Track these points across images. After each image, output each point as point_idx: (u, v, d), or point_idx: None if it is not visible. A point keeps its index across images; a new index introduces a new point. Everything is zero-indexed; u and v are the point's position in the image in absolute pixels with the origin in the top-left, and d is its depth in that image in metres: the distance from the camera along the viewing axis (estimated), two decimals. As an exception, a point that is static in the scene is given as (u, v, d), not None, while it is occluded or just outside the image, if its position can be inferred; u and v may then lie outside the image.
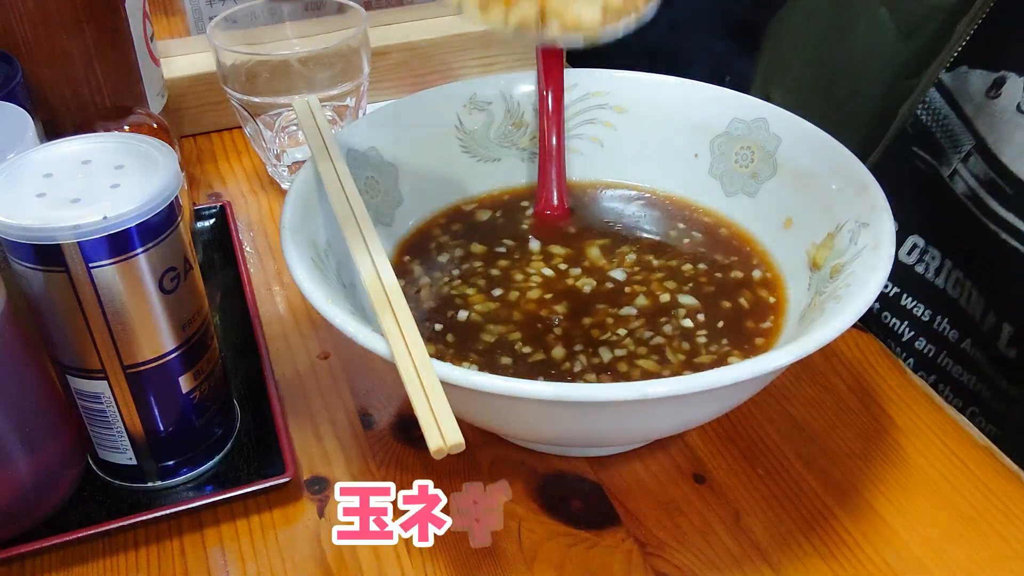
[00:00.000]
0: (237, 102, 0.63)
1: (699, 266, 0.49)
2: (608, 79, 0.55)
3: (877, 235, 0.42)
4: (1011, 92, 0.51)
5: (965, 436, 0.46)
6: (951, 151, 0.55)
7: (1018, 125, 0.51)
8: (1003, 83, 0.52)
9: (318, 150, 0.47)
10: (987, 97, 0.53)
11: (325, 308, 0.38)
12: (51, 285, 0.37)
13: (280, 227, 0.43)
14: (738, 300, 0.47)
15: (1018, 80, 0.51)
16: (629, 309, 0.47)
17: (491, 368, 0.43)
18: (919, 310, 0.59)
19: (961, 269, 0.53)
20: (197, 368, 0.42)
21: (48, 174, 0.38)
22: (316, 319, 0.54)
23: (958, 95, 0.54)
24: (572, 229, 0.53)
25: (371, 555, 0.41)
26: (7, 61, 0.55)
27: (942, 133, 0.56)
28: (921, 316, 0.58)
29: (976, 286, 0.55)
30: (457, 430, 0.34)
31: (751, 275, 0.49)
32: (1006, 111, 0.52)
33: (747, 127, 0.51)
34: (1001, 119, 0.52)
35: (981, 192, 0.53)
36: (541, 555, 0.41)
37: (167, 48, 0.74)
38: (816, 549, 0.41)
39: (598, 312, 0.46)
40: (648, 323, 0.46)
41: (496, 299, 0.47)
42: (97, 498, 0.44)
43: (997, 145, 0.52)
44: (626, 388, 0.34)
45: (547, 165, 0.54)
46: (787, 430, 0.46)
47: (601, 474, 0.44)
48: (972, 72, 0.54)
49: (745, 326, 0.46)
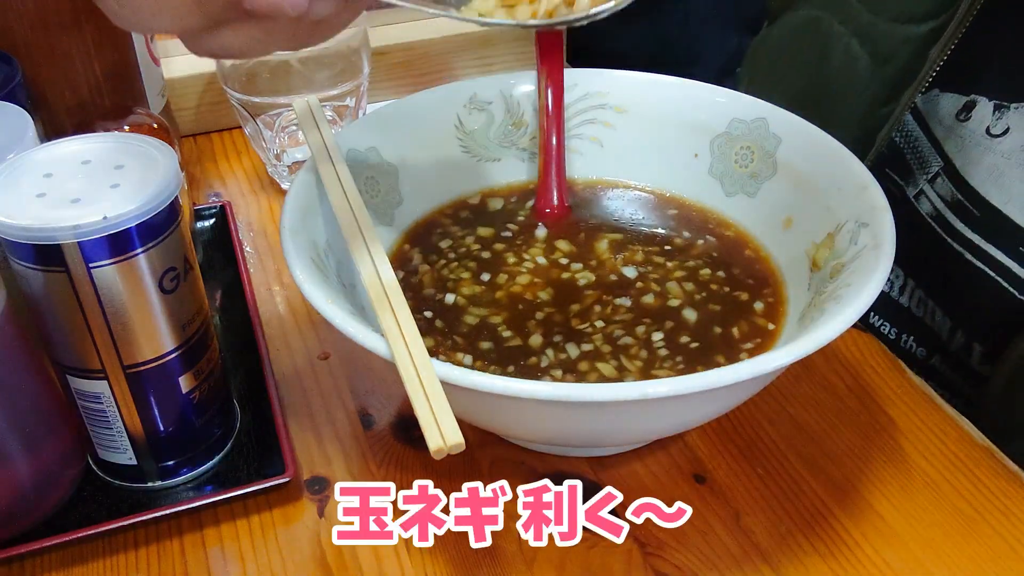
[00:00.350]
0: (237, 102, 0.63)
1: (699, 266, 0.49)
2: (608, 79, 0.55)
3: (877, 235, 0.42)
4: (980, 115, 0.52)
5: (965, 436, 0.46)
6: (919, 172, 0.55)
7: (987, 148, 0.51)
8: (973, 107, 0.52)
9: (318, 150, 0.47)
10: (957, 120, 0.53)
11: (325, 308, 0.38)
12: (51, 285, 0.37)
13: (280, 227, 0.43)
14: (738, 300, 0.47)
15: (988, 104, 0.51)
16: (624, 301, 0.47)
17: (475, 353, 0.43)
18: (885, 328, 0.59)
19: (923, 289, 0.54)
20: (197, 368, 0.42)
21: (48, 174, 0.38)
22: (316, 319, 0.54)
23: (929, 117, 0.55)
24: (571, 228, 0.53)
25: (371, 555, 0.41)
26: (7, 61, 0.55)
27: (912, 155, 0.56)
28: (888, 334, 0.59)
29: (940, 306, 0.55)
30: (457, 430, 0.34)
31: (751, 275, 0.49)
32: (975, 134, 0.52)
33: (747, 127, 0.51)
34: (970, 142, 0.52)
35: (948, 214, 0.53)
36: (541, 555, 0.41)
37: (167, 48, 0.74)
38: (816, 549, 0.41)
39: (593, 308, 0.46)
40: (643, 321, 0.46)
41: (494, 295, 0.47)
42: (97, 498, 0.44)
43: (965, 168, 0.52)
44: (626, 388, 0.34)
45: (547, 165, 0.54)
46: (787, 430, 0.46)
47: (601, 474, 0.44)
48: (943, 95, 0.54)
49: (745, 326, 0.46)
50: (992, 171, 0.51)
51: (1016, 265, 0.50)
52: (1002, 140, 0.50)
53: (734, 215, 0.52)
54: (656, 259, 0.50)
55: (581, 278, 0.49)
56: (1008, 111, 0.50)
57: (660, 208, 0.54)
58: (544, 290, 0.48)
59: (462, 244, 0.51)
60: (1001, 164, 0.50)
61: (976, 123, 0.52)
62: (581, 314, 0.46)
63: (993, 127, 0.51)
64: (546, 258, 0.50)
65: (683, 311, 0.46)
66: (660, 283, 0.48)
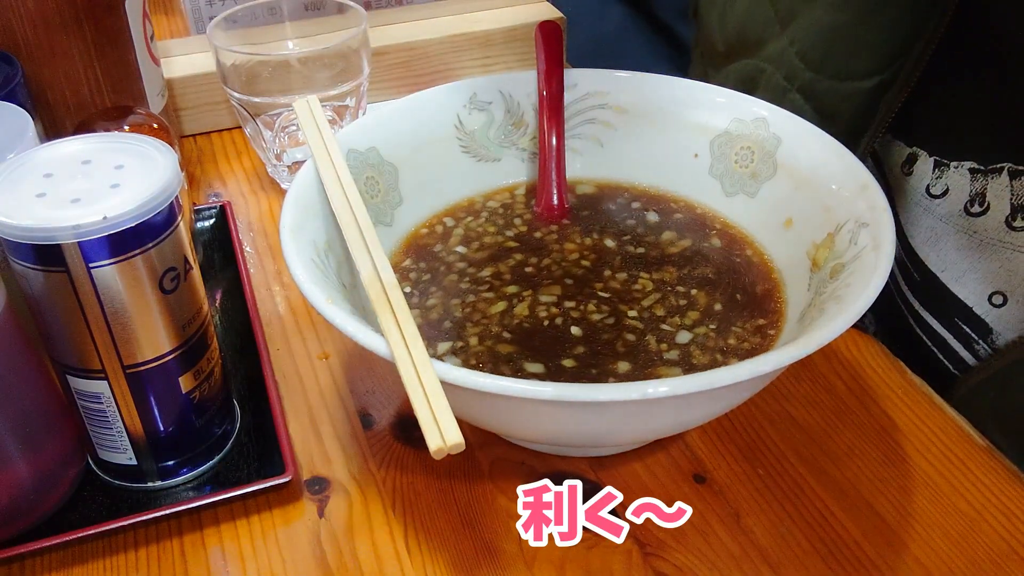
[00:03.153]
0: (237, 102, 0.63)
1: (698, 266, 0.49)
2: (608, 79, 0.55)
3: (877, 235, 0.42)
4: (921, 172, 0.49)
5: (965, 436, 0.46)
6: None
7: (926, 208, 0.48)
8: (915, 160, 0.50)
9: (318, 150, 0.47)
10: (902, 172, 0.50)
11: (325, 308, 0.38)
12: (51, 285, 0.37)
13: (280, 227, 0.43)
14: (738, 300, 0.47)
15: (928, 160, 0.49)
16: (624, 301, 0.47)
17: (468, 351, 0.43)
18: None
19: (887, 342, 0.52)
20: (197, 368, 0.42)
21: (48, 174, 0.38)
22: (316, 319, 0.54)
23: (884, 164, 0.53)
24: (571, 228, 0.53)
25: (371, 555, 0.41)
26: (7, 61, 0.55)
27: None
28: None
29: None
30: (457, 430, 0.34)
31: (751, 275, 0.49)
32: (916, 192, 0.49)
33: (747, 127, 0.51)
34: (911, 199, 0.50)
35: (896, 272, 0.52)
36: (541, 555, 0.41)
37: (167, 48, 0.74)
38: (816, 549, 0.41)
39: (593, 308, 0.46)
40: (643, 321, 0.46)
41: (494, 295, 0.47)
42: (97, 498, 0.44)
43: (908, 227, 0.50)
44: (626, 388, 0.34)
45: (547, 165, 0.54)
46: (787, 430, 0.46)
47: (601, 474, 0.44)
48: (894, 143, 0.52)
49: (744, 326, 0.46)
50: (931, 234, 0.49)
51: (951, 337, 0.49)
52: (940, 202, 0.48)
53: (734, 215, 0.52)
54: (656, 259, 0.50)
55: (580, 278, 0.49)
56: (948, 170, 0.48)
57: (660, 208, 0.54)
58: (544, 290, 0.48)
59: (462, 244, 0.51)
60: (939, 228, 0.48)
61: (917, 179, 0.49)
62: (580, 314, 0.46)
63: (933, 186, 0.48)
64: (546, 258, 0.50)
65: (683, 311, 0.46)
66: (659, 283, 0.48)
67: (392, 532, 0.42)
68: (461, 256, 0.51)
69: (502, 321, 0.46)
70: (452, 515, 0.43)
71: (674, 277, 0.49)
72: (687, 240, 0.51)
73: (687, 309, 0.47)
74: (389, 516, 0.43)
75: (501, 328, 0.45)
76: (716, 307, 0.47)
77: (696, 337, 0.45)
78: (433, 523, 0.42)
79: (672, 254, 0.50)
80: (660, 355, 0.44)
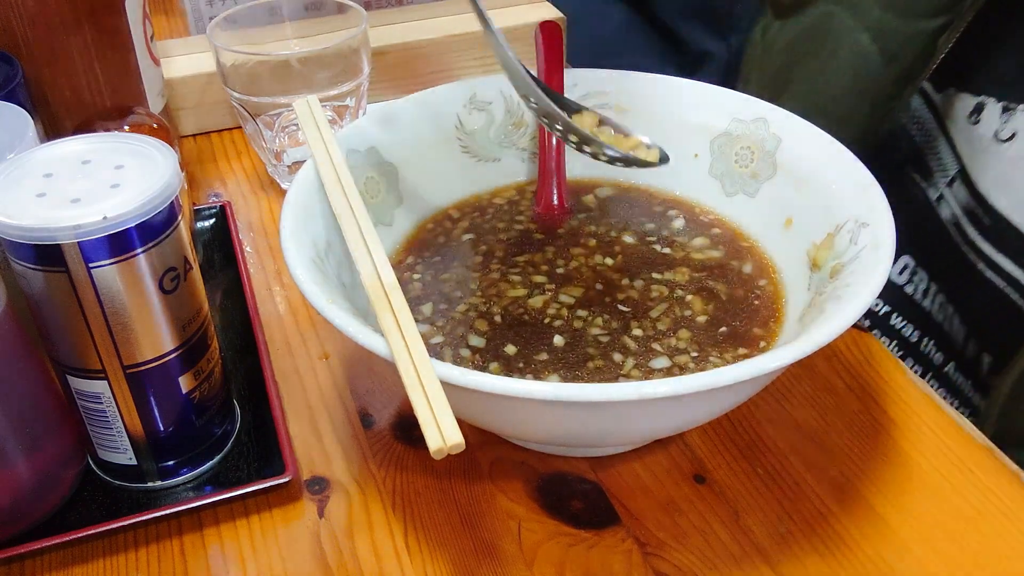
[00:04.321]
0: (237, 102, 0.63)
1: (698, 266, 0.49)
2: (608, 79, 0.55)
3: (877, 235, 0.42)
4: (989, 118, 0.51)
5: (965, 436, 0.46)
6: (939, 175, 0.55)
7: (995, 154, 0.50)
8: (982, 109, 0.51)
9: (318, 150, 0.47)
10: (969, 122, 0.52)
11: (325, 308, 0.38)
12: (51, 285, 0.37)
13: (280, 227, 0.43)
14: (737, 300, 0.47)
15: (996, 106, 0.50)
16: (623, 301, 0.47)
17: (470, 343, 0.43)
18: (908, 330, 0.59)
19: (944, 294, 0.53)
20: (197, 368, 0.42)
21: (48, 174, 0.38)
22: (316, 319, 0.54)
23: (947, 117, 0.54)
24: (571, 228, 0.53)
25: (371, 555, 0.41)
26: (7, 61, 0.55)
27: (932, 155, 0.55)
28: (910, 337, 0.59)
29: (958, 312, 0.55)
30: (457, 430, 0.34)
31: (751, 275, 0.49)
32: (984, 138, 0.51)
33: (747, 127, 0.51)
34: (980, 146, 0.51)
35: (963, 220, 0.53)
36: (541, 555, 0.41)
37: (167, 48, 0.74)
38: (816, 549, 0.41)
39: (592, 308, 0.46)
40: (643, 321, 0.46)
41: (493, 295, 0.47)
42: (97, 498, 0.44)
43: (976, 173, 0.51)
44: (626, 388, 0.34)
45: (547, 165, 0.54)
46: (787, 430, 0.46)
47: (601, 474, 0.44)
48: (958, 95, 0.53)
49: (744, 326, 0.46)
50: (1000, 177, 0.50)
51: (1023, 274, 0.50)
52: (1009, 145, 0.49)
53: (734, 215, 0.52)
54: (655, 259, 0.50)
55: (580, 278, 0.49)
56: (1015, 113, 0.49)
57: (660, 208, 0.54)
58: (544, 290, 0.48)
59: (462, 244, 0.51)
60: (1008, 170, 0.50)
61: (985, 127, 0.51)
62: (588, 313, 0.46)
63: (1001, 131, 0.50)
64: (545, 258, 0.50)
65: (683, 311, 0.46)
66: (659, 283, 0.48)
67: (392, 532, 0.42)
68: (460, 257, 0.50)
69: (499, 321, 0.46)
70: (452, 515, 0.43)
71: (673, 277, 0.49)
72: (687, 240, 0.51)
73: (686, 308, 0.47)
74: (389, 516, 0.43)
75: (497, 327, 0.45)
76: (716, 307, 0.47)
77: (696, 337, 0.45)
78: (433, 523, 0.42)
79: (672, 254, 0.50)
80: (659, 355, 0.44)
